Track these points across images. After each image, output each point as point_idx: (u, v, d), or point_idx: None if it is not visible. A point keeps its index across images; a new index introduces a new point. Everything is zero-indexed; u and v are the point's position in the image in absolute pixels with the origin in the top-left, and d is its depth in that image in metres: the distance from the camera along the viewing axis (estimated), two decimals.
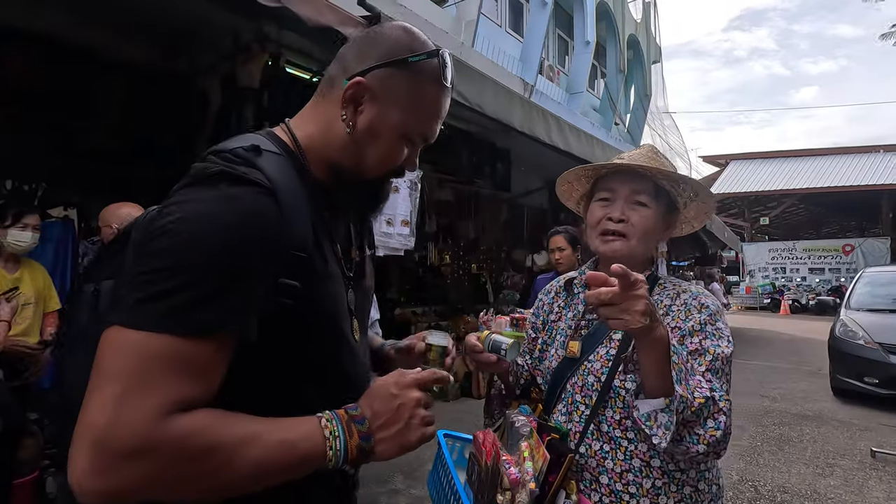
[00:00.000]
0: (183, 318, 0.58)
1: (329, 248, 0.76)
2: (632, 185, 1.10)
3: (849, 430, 4.63)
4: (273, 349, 0.67)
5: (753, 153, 21.77)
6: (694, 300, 1.05)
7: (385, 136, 0.76)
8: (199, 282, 0.58)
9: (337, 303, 0.75)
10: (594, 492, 1.01)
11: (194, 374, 0.59)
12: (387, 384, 0.71)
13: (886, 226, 18.50)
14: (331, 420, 0.66)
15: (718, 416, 0.90)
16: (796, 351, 9.15)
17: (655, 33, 15.03)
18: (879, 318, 5.81)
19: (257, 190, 0.65)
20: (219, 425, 0.60)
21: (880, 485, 3.48)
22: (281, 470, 0.63)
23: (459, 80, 3.32)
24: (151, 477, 0.56)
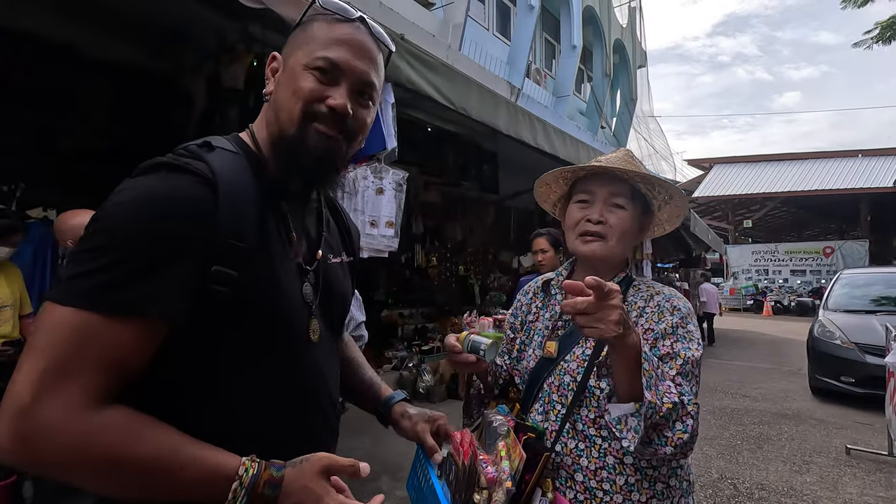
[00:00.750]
0: (103, 296, 0.60)
1: (284, 243, 0.77)
2: (610, 188, 1.13)
3: (825, 428, 4.74)
4: (212, 337, 0.69)
5: (737, 157, 22.14)
6: (667, 302, 1.08)
7: (289, 75, 0.77)
8: (121, 262, 0.61)
9: (284, 297, 0.75)
10: (569, 489, 1.03)
11: (116, 355, 0.62)
12: (309, 498, 0.67)
13: (865, 229, 18.92)
14: (242, 486, 0.64)
15: (686, 419, 0.92)
16: (777, 351, 9.32)
17: (641, 38, 15.22)
18: (856, 318, 5.94)
19: (192, 178, 0.67)
20: (135, 435, 0.62)
21: (854, 481, 3.57)
22: (174, 500, 0.64)
23: (445, 83, 3.35)
24: (63, 456, 0.59)
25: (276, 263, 0.75)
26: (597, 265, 1.14)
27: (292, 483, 0.67)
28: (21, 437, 0.58)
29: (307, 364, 0.80)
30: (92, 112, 3.90)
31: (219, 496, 0.64)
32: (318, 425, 0.81)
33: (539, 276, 1.35)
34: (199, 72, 4.06)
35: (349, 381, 1.04)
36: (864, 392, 5.23)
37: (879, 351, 4.92)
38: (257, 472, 0.66)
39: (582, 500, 1.02)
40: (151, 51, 3.89)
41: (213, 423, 0.69)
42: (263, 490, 0.65)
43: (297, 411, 0.77)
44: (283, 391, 0.76)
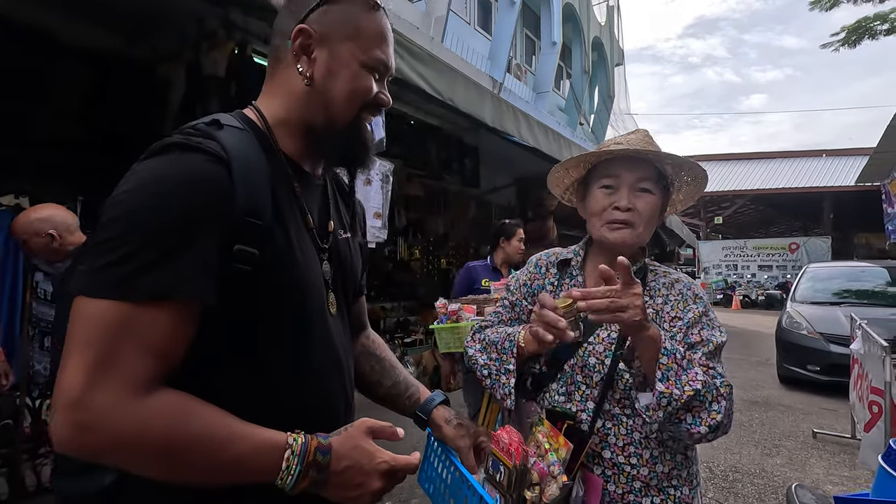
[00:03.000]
0: (133, 285, 0.60)
1: (298, 219, 0.78)
2: (637, 173, 1.09)
3: (793, 414, 4.95)
4: (239, 316, 0.69)
5: (709, 155, 22.76)
6: (688, 290, 1.10)
7: (345, 70, 0.77)
8: (145, 248, 0.61)
9: (305, 272, 0.76)
10: (596, 466, 1.05)
11: (156, 341, 0.62)
12: (364, 454, 0.71)
13: (828, 226, 19.70)
14: (295, 454, 0.66)
15: (720, 400, 0.95)
16: (746, 343, 9.65)
17: (619, 36, 15.45)
18: (821, 310, 6.21)
19: (205, 157, 0.66)
20: (188, 417, 0.62)
21: (820, 462, 3.75)
22: (231, 477, 0.65)
23: (433, 74, 3.36)
24: (119, 443, 0.60)
25: (293, 240, 0.75)
26: (623, 252, 1.10)
27: (342, 446, 0.70)
28: (77, 426, 0.58)
29: (328, 338, 0.81)
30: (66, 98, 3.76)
31: (270, 469, 0.65)
32: (338, 398, 0.82)
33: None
34: (178, 59, 3.96)
35: (383, 382, 1.02)
36: (828, 380, 5.47)
37: (843, 340, 5.16)
38: (305, 441, 0.68)
39: (610, 476, 1.04)
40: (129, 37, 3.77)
41: (248, 400, 0.70)
42: (315, 457, 0.67)
43: (321, 384, 0.78)
44: (309, 365, 0.77)
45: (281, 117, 0.79)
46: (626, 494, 1.03)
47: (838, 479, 3.44)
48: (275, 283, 0.71)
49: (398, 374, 1.04)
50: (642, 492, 1.03)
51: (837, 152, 20.21)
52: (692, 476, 1.09)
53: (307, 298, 0.76)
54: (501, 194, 7.97)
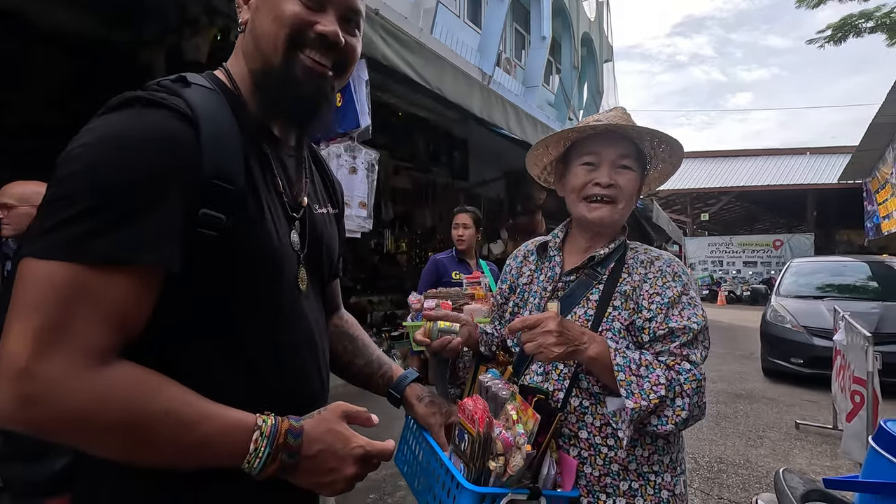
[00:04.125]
0: (89, 246, 0.55)
1: (269, 186, 0.73)
2: (618, 149, 1.08)
3: (777, 406, 5.01)
4: (204, 287, 0.65)
5: (696, 152, 22.96)
6: (668, 268, 1.08)
7: (265, 3, 0.71)
8: (103, 208, 0.56)
9: (274, 243, 0.71)
10: (573, 447, 1.03)
11: (112, 308, 0.57)
12: (338, 440, 0.68)
13: (811, 223, 20.04)
14: (263, 436, 0.62)
15: (683, 397, 0.94)
16: (732, 337, 9.77)
17: (608, 32, 15.49)
18: (804, 303, 6.30)
19: (170, 114, 0.62)
20: (150, 393, 0.58)
21: (803, 452, 3.80)
22: (195, 459, 0.61)
23: (420, 62, 3.30)
24: (71, 418, 0.55)
25: (264, 208, 0.71)
26: (600, 230, 1.13)
27: (315, 429, 0.66)
28: (23, 399, 0.53)
29: (298, 314, 0.76)
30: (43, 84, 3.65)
31: (237, 451, 0.61)
32: (311, 378, 0.78)
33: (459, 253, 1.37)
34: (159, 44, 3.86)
35: (355, 361, 1.00)
36: (811, 372, 5.56)
37: (825, 333, 5.22)
38: (276, 422, 0.64)
39: (586, 457, 1.02)
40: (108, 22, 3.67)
41: (214, 378, 0.65)
42: (286, 439, 0.63)
43: (292, 363, 0.74)
44: (279, 343, 0.72)
45: (241, 76, 0.75)
46: (602, 477, 1.01)
47: (820, 469, 3.48)
48: (242, 253, 0.67)
49: (371, 353, 1.01)
50: (620, 475, 1.01)
51: (821, 150, 20.53)
52: (675, 462, 1.06)
53: (274, 271, 0.72)
54: (490, 187, 7.94)
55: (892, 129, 10.00)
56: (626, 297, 1.06)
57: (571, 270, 1.15)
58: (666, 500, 1.02)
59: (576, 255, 1.17)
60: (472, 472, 0.89)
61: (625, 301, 1.06)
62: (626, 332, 1.04)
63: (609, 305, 1.06)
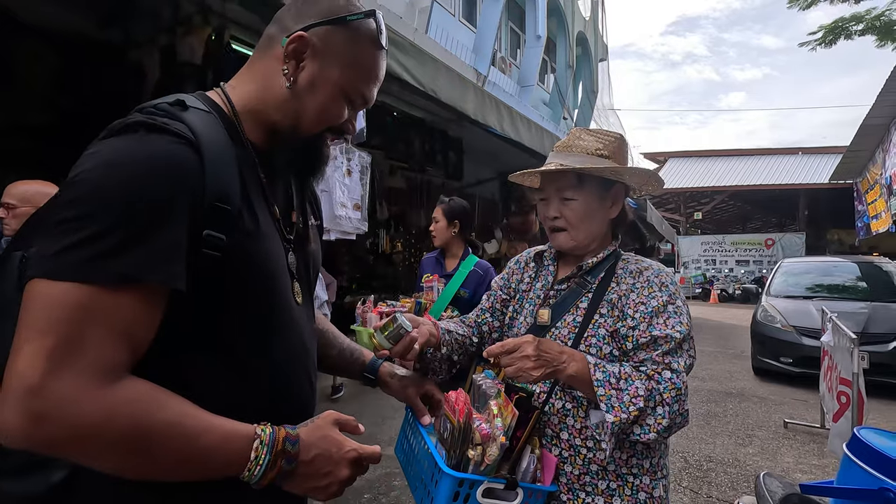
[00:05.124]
0: (101, 267, 0.57)
1: (263, 208, 0.77)
2: (556, 184, 1.17)
3: (766, 405, 5.08)
4: (205, 304, 0.67)
5: (690, 151, 23.09)
6: (656, 278, 1.11)
7: (325, 90, 0.78)
8: (113, 229, 0.58)
9: (271, 261, 0.75)
10: (554, 447, 1.09)
11: (123, 327, 0.59)
12: (332, 445, 0.72)
13: (802, 222, 20.22)
14: (263, 444, 0.65)
15: (664, 406, 0.98)
16: (723, 336, 9.87)
17: (603, 31, 15.53)
18: (794, 303, 6.37)
19: (174, 139, 0.64)
20: (155, 407, 0.60)
21: (791, 451, 3.86)
22: (198, 470, 0.64)
23: (413, 64, 3.32)
24: (81, 434, 0.56)
25: (260, 227, 0.74)
26: (570, 251, 1.21)
27: (310, 436, 0.71)
28: (33, 416, 0.54)
29: (294, 326, 0.79)
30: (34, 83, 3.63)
31: (239, 459, 0.64)
32: (304, 388, 0.81)
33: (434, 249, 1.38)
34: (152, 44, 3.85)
35: (329, 352, 1.05)
36: (800, 371, 5.63)
37: (814, 333, 5.29)
38: (273, 431, 0.67)
39: (567, 457, 1.08)
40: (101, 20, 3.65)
41: (211, 392, 0.68)
42: (284, 446, 0.67)
43: (288, 375, 0.77)
44: (276, 357, 0.75)
45: (251, 106, 0.78)
46: (581, 476, 1.06)
47: (807, 468, 3.54)
48: (242, 272, 0.70)
49: (342, 342, 1.08)
50: (598, 475, 1.06)
51: (813, 150, 20.68)
52: (656, 467, 1.10)
53: (274, 288, 0.75)
54: (485, 188, 7.97)
55: (882, 131, 10.11)
56: (612, 305, 1.11)
57: (563, 279, 1.20)
58: (643, 501, 1.06)
59: (568, 264, 1.23)
60: (452, 459, 0.96)
61: (611, 309, 1.10)
62: (611, 339, 1.08)
63: (596, 313, 1.11)
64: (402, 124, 5.76)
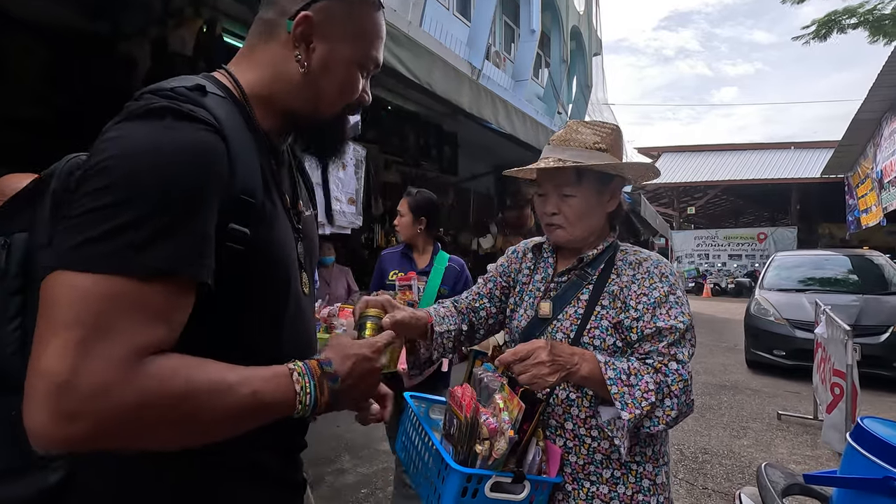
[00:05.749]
0: (133, 258, 0.54)
1: (276, 198, 0.75)
2: (555, 181, 1.16)
3: (759, 397, 5.13)
4: (226, 298, 0.65)
5: (683, 146, 23.16)
6: (655, 269, 1.11)
7: (340, 67, 0.77)
8: (147, 219, 0.55)
9: (287, 253, 0.74)
10: (559, 437, 1.09)
11: (154, 317, 0.57)
12: (362, 346, 0.75)
13: (794, 216, 20.38)
14: (303, 374, 0.66)
15: (672, 398, 0.99)
16: (716, 329, 9.94)
17: (597, 26, 15.50)
18: (787, 296, 6.42)
19: (203, 127, 0.62)
20: (191, 371, 0.58)
21: (784, 442, 3.90)
22: (250, 419, 0.63)
23: (409, 57, 3.29)
24: (122, 420, 0.53)
25: (278, 219, 0.73)
26: (567, 245, 1.20)
27: (336, 351, 0.72)
28: (65, 415, 0.51)
29: (303, 319, 0.79)
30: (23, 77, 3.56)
31: (286, 396, 0.65)
32: None
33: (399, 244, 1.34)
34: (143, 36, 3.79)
35: None
36: (793, 364, 5.69)
37: (807, 326, 5.34)
38: (304, 363, 0.68)
39: (571, 447, 1.08)
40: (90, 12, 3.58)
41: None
42: (323, 368, 0.69)
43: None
44: (286, 345, 0.75)
45: (262, 93, 0.75)
46: (586, 465, 1.07)
47: (801, 459, 3.58)
48: (262, 265, 0.69)
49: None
50: (603, 464, 1.07)
51: (805, 145, 20.82)
52: (658, 454, 1.11)
53: (288, 280, 0.75)
54: (480, 182, 7.95)
55: (873, 125, 10.19)
56: (614, 296, 1.11)
57: (563, 271, 1.20)
58: (647, 488, 1.07)
59: (568, 257, 1.22)
60: (459, 455, 0.96)
61: (613, 300, 1.10)
62: (614, 330, 1.09)
63: (598, 304, 1.11)
64: (396, 118, 5.72)
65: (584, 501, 1.06)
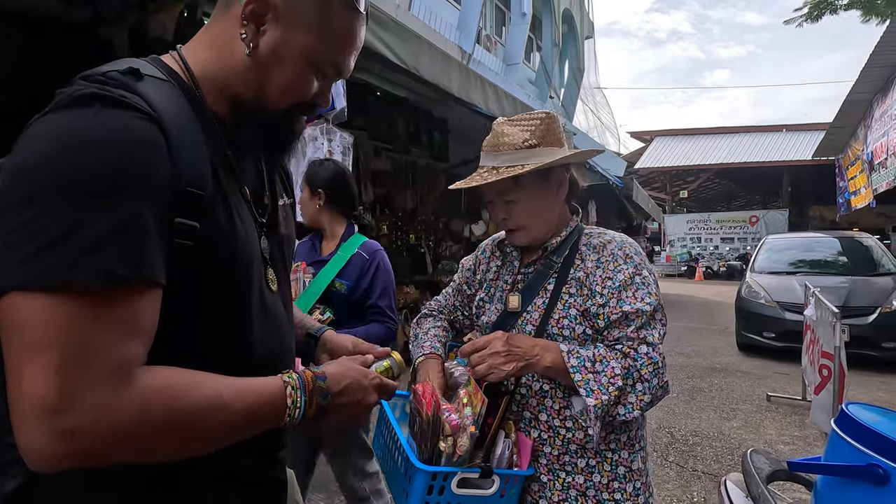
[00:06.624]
0: (82, 268, 0.51)
1: (234, 189, 0.71)
2: (494, 189, 1.13)
3: (749, 379, 5.18)
4: (180, 298, 0.62)
5: (676, 130, 23.11)
6: (619, 250, 1.09)
7: (291, 60, 0.69)
8: (85, 223, 0.51)
9: (247, 248, 0.70)
10: (533, 428, 1.08)
11: (126, 328, 0.54)
12: (359, 372, 0.75)
13: (785, 199, 20.51)
14: (296, 388, 0.66)
15: (643, 382, 0.98)
16: (707, 312, 10.03)
17: (589, 8, 15.31)
18: (778, 279, 6.47)
19: (135, 115, 0.57)
20: (184, 387, 0.58)
21: (773, 423, 3.95)
22: (243, 430, 0.63)
23: (395, 41, 3.22)
24: (122, 436, 0.53)
25: (232, 211, 0.68)
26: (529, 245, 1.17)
27: (335, 370, 0.73)
28: (65, 433, 0.50)
29: (270, 315, 0.75)
30: None
31: (278, 408, 0.65)
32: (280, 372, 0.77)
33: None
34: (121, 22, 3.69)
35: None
36: (782, 345, 5.75)
37: (797, 308, 5.38)
38: (299, 375, 0.68)
39: (546, 439, 1.07)
40: None
41: None
42: (315, 384, 0.68)
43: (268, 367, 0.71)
44: (251, 346, 0.71)
45: (211, 75, 0.70)
46: (561, 456, 1.07)
47: (790, 439, 3.63)
48: (216, 261, 0.64)
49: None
50: (578, 453, 1.06)
51: (797, 127, 20.84)
52: (633, 440, 1.10)
53: (249, 277, 0.70)
54: (471, 168, 7.84)
55: (864, 106, 10.20)
56: (580, 283, 1.09)
57: (529, 262, 1.18)
58: (623, 475, 1.07)
59: (533, 248, 1.20)
60: (423, 453, 0.95)
61: (579, 287, 1.09)
62: (583, 318, 1.07)
63: (564, 293, 1.09)
64: (385, 104, 5.64)
65: (560, 492, 1.06)
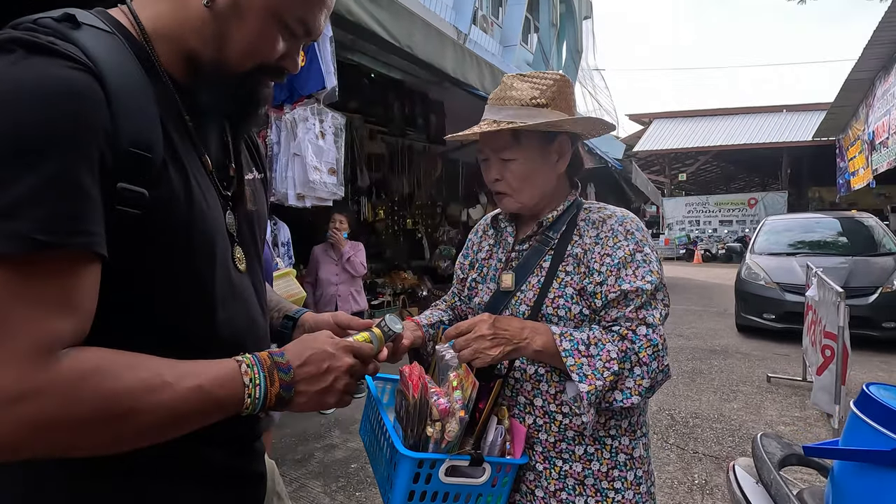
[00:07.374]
0: (2, 234, 0.45)
1: (193, 156, 0.64)
2: (493, 145, 1.06)
3: (749, 361, 5.16)
4: (131, 274, 0.55)
5: (674, 112, 22.86)
6: (620, 226, 1.03)
7: (253, 13, 0.61)
8: (6, 184, 0.45)
9: (207, 221, 0.63)
10: (528, 414, 1.02)
11: (53, 303, 0.48)
12: (323, 340, 0.67)
13: (784, 181, 20.39)
14: (251, 366, 0.60)
15: (641, 366, 0.92)
16: (706, 295, 10.01)
17: None
18: (777, 260, 6.42)
19: (65, 63, 0.50)
20: (117, 369, 0.51)
21: (774, 405, 3.93)
22: (196, 418, 0.56)
23: (387, 17, 3.11)
24: (39, 425, 0.46)
25: (190, 180, 0.61)
26: (519, 211, 1.12)
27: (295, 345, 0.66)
28: None
29: (238, 295, 0.68)
30: None
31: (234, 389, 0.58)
32: None
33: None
34: None
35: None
36: (782, 327, 5.72)
37: (797, 289, 5.36)
38: (254, 354, 0.62)
39: (541, 425, 1.02)
40: None
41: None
42: (273, 359, 0.62)
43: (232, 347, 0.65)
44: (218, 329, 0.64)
45: (165, 30, 0.62)
46: (558, 443, 1.01)
47: (790, 420, 3.61)
48: (170, 234, 0.58)
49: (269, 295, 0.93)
50: (575, 440, 1.00)
51: (797, 108, 20.62)
52: (635, 426, 1.05)
53: (211, 254, 0.63)
54: (468, 151, 7.78)
55: (867, 85, 10.06)
56: (577, 260, 1.02)
57: (524, 239, 1.11)
58: (623, 462, 1.01)
59: (527, 223, 1.13)
60: (409, 439, 0.89)
61: (577, 265, 1.02)
62: (579, 297, 1.01)
63: (560, 270, 1.03)
64: (380, 86, 5.52)
65: (557, 481, 1.00)
